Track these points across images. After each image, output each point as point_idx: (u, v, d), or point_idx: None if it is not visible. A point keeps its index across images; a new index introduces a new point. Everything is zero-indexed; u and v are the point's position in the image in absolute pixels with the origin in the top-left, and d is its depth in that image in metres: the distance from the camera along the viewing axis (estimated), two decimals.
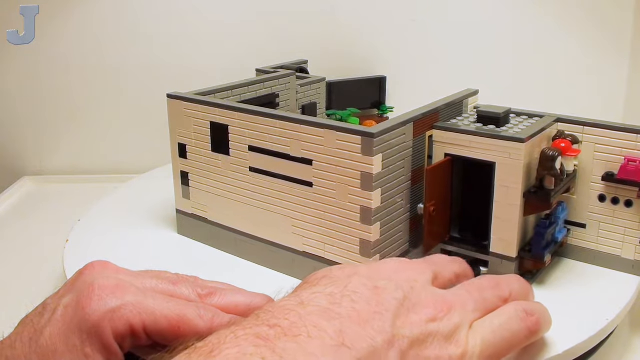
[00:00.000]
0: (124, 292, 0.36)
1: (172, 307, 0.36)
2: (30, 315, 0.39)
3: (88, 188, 0.85)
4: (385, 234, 0.46)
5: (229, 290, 0.40)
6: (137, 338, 0.36)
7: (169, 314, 0.36)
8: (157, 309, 0.36)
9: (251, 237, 0.53)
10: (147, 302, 0.36)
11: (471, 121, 0.50)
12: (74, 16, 0.87)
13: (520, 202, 0.45)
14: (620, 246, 0.50)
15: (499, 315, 0.37)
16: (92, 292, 0.36)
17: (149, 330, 0.36)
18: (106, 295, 0.36)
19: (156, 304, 0.36)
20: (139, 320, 0.35)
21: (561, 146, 0.47)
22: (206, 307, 0.38)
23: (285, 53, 0.79)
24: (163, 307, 0.36)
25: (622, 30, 0.84)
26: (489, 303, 0.38)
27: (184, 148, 0.55)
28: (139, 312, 0.35)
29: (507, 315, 0.37)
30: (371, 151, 0.43)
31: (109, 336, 0.35)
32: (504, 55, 0.88)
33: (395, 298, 0.34)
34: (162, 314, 0.36)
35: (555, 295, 0.47)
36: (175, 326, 0.36)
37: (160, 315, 0.36)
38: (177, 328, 0.36)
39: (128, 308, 0.35)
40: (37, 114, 0.90)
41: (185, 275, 0.41)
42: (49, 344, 0.35)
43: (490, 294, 0.39)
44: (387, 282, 0.35)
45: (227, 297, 0.40)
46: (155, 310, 0.36)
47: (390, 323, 0.32)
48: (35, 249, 0.67)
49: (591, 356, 0.44)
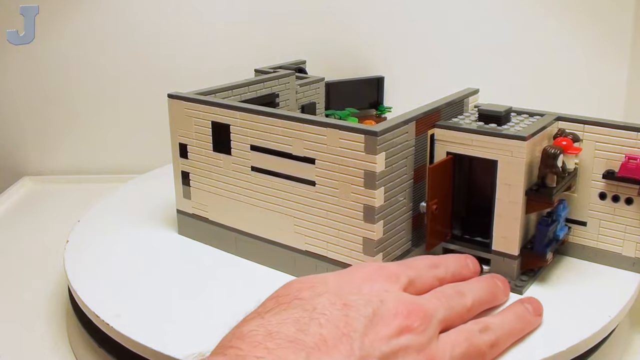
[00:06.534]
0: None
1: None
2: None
3: (88, 188, 0.85)
4: (388, 232, 0.47)
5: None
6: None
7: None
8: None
9: (252, 236, 0.53)
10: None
11: (472, 120, 0.50)
12: (74, 16, 0.86)
13: (522, 200, 0.45)
14: (620, 244, 0.50)
15: (461, 331, 0.38)
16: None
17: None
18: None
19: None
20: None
21: (562, 144, 0.47)
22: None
23: (283, 53, 0.79)
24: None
25: (622, 28, 0.84)
26: (454, 312, 0.39)
27: (185, 148, 0.55)
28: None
29: (468, 331, 0.38)
30: (374, 149, 0.43)
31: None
32: (503, 55, 0.88)
33: (364, 315, 0.34)
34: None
35: (556, 292, 0.47)
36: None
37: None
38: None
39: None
40: (37, 114, 0.90)
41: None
42: None
43: (456, 302, 0.40)
44: (357, 298, 0.35)
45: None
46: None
47: (359, 344, 0.33)
48: (35, 249, 0.68)
49: (593, 354, 0.44)
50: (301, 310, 0.34)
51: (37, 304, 0.57)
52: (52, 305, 0.57)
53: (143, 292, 0.49)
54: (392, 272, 0.39)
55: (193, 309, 0.46)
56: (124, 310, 0.46)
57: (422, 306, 0.37)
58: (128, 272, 0.52)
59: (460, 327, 0.39)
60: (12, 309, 0.56)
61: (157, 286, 0.50)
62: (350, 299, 0.35)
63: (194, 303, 0.47)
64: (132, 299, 0.48)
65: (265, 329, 0.33)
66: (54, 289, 0.59)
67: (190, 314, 0.46)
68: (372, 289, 0.37)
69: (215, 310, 0.46)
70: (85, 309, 0.47)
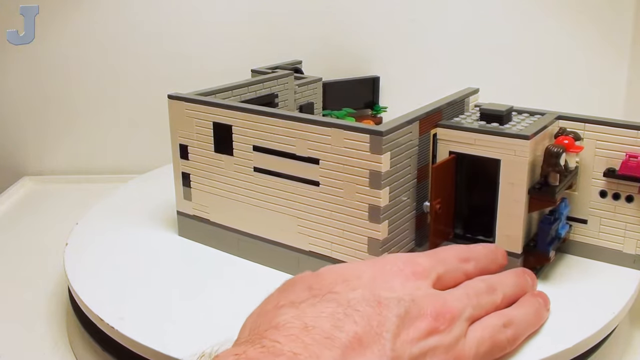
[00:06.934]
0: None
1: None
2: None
3: (88, 188, 0.85)
4: (393, 232, 0.47)
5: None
6: None
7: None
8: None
9: (255, 237, 0.53)
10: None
11: (474, 119, 0.50)
12: (74, 16, 0.86)
13: (525, 199, 0.46)
14: (621, 241, 0.50)
15: (486, 327, 0.39)
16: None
17: None
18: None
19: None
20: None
21: (564, 143, 0.48)
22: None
23: (279, 53, 0.79)
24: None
25: (622, 28, 0.85)
26: (483, 310, 0.40)
27: (185, 149, 0.55)
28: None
29: (492, 327, 0.39)
30: (380, 149, 0.44)
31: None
32: (502, 54, 0.88)
33: (396, 315, 0.35)
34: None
35: (558, 290, 0.47)
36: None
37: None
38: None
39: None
40: (37, 114, 0.89)
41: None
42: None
43: (485, 300, 0.40)
44: (389, 295, 0.36)
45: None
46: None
47: (390, 346, 0.33)
48: (35, 249, 0.67)
49: (595, 352, 0.44)
50: (336, 305, 0.34)
51: (37, 304, 0.57)
52: (52, 305, 0.57)
53: (145, 293, 0.49)
54: (423, 267, 0.40)
55: (195, 311, 0.46)
56: (127, 312, 0.46)
57: (450, 307, 0.37)
58: (129, 273, 0.52)
59: (486, 322, 0.39)
60: (12, 309, 0.56)
61: (159, 287, 0.50)
62: (383, 296, 0.36)
63: (196, 304, 0.47)
64: (134, 301, 0.48)
65: (301, 322, 0.33)
66: (54, 289, 0.59)
67: (192, 316, 0.46)
68: (404, 286, 0.37)
69: (217, 311, 0.46)
70: (88, 312, 0.47)
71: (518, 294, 0.43)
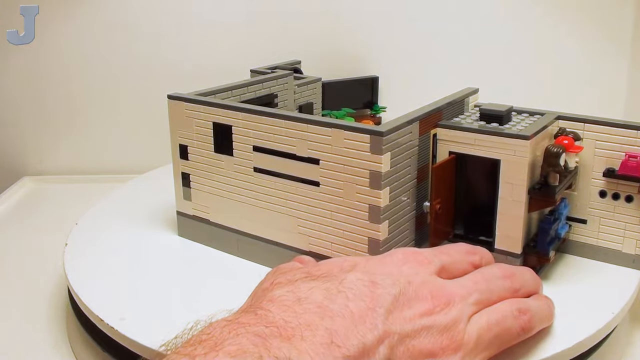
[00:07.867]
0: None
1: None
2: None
3: (88, 188, 0.84)
4: (393, 232, 0.47)
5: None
6: None
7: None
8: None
9: (255, 237, 0.53)
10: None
11: (473, 119, 0.50)
12: (74, 16, 0.86)
13: (525, 199, 0.46)
14: (621, 241, 0.50)
15: (494, 312, 0.38)
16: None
17: None
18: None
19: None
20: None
21: (564, 143, 0.48)
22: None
23: (278, 53, 0.79)
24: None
25: (622, 28, 0.85)
26: (494, 295, 0.39)
27: (185, 149, 0.55)
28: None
29: (501, 313, 0.38)
30: (380, 150, 0.44)
31: None
32: (501, 54, 0.88)
33: (390, 293, 0.35)
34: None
35: (558, 290, 0.47)
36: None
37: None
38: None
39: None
40: (37, 114, 0.89)
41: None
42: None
43: (499, 285, 0.40)
44: (385, 277, 0.36)
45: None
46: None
47: (382, 319, 0.34)
48: (35, 249, 0.67)
49: (595, 351, 0.44)
50: (329, 283, 0.35)
51: (37, 304, 0.57)
52: (52, 305, 0.57)
53: (145, 294, 0.49)
54: (425, 256, 0.40)
55: (195, 311, 0.46)
56: (127, 313, 0.46)
57: (447, 290, 0.37)
58: (129, 273, 0.52)
59: (497, 307, 0.38)
60: (12, 309, 0.56)
61: (159, 288, 0.50)
62: (378, 277, 0.36)
63: (196, 304, 0.47)
64: (134, 301, 0.48)
65: (294, 295, 0.34)
66: (54, 289, 0.59)
67: (192, 316, 0.45)
68: (402, 271, 0.38)
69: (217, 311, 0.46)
70: (88, 312, 0.47)
71: (535, 287, 0.43)
